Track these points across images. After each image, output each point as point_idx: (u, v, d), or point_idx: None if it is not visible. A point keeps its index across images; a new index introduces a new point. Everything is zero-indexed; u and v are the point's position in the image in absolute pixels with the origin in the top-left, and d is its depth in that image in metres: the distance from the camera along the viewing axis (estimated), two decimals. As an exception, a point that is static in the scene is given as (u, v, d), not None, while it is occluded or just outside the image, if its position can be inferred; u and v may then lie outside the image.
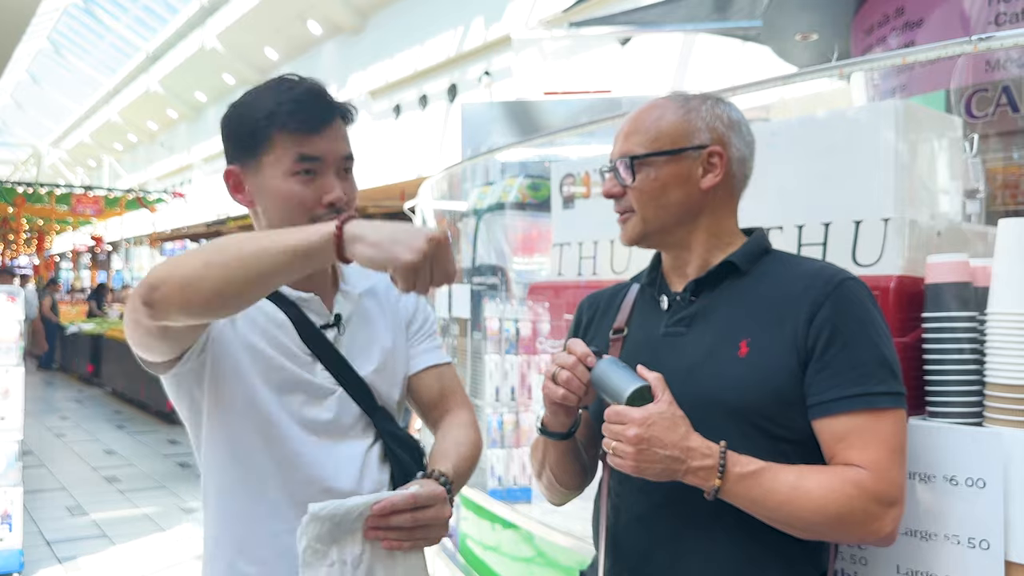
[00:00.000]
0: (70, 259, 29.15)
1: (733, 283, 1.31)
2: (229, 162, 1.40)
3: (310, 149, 1.34)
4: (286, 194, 1.34)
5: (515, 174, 4.09)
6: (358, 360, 1.45)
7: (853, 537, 1.21)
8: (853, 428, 1.19)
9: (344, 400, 1.43)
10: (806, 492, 1.16)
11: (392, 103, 17.60)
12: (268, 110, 1.33)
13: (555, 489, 1.50)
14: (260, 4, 20.23)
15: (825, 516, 1.16)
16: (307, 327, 1.40)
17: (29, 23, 10.75)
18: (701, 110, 1.33)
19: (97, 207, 18.03)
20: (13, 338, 4.53)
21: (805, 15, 5.49)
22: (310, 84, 1.38)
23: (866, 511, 1.16)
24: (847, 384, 1.19)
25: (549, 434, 1.39)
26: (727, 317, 1.29)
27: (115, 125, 34.20)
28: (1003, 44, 1.70)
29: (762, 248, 1.35)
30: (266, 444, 1.37)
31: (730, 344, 1.26)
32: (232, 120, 1.39)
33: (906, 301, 1.57)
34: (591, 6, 9.70)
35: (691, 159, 1.31)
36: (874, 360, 1.20)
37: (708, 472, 1.17)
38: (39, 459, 7.60)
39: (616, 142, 1.37)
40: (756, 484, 1.17)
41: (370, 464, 1.45)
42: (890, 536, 1.19)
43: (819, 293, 1.23)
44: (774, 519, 1.19)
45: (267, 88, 1.38)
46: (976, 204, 2.14)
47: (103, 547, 5.21)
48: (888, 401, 1.20)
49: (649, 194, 1.31)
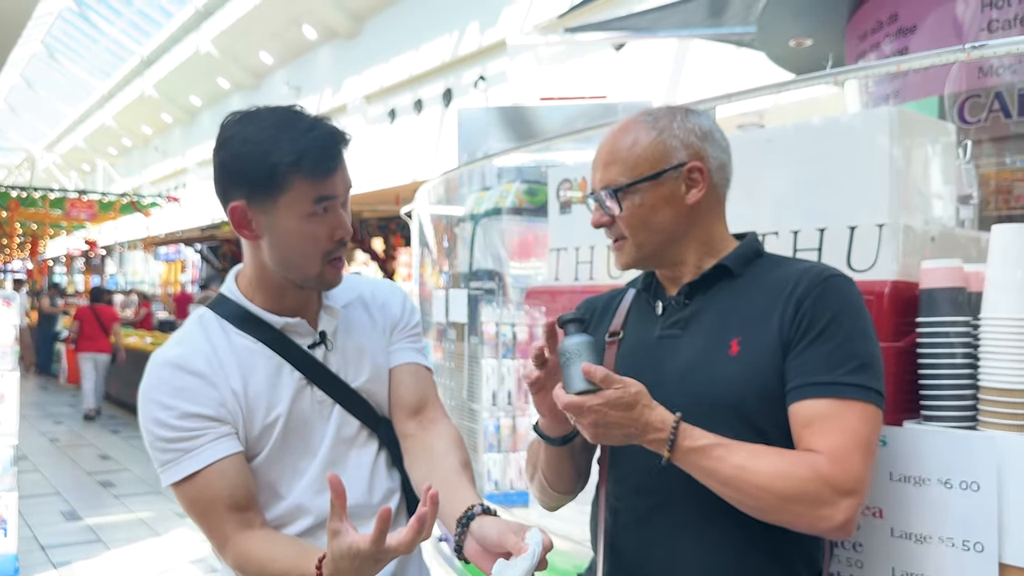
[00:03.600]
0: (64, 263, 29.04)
1: (726, 286, 1.33)
2: (231, 198, 1.34)
3: (326, 190, 1.33)
4: (303, 235, 1.33)
5: (512, 179, 4.10)
6: (351, 372, 1.46)
7: (803, 521, 1.18)
8: (818, 414, 1.19)
9: (342, 414, 1.45)
10: (755, 470, 1.17)
11: (387, 107, 17.61)
12: (292, 157, 1.28)
13: (547, 492, 1.49)
14: (255, 8, 20.23)
15: (771, 494, 1.16)
16: (294, 352, 1.41)
17: (24, 27, 10.74)
18: (673, 127, 1.33)
19: (91, 211, 18.00)
20: (8, 343, 4.53)
21: (799, 21, 5.51)
22: (326, 127, 1.34)
23: (818, 495, 1.15)
24: (816, 372, 1.20)
25: (544, 437, 1.39)
26: (719, 318, 1.31)
27: (109, 129, 34.13)
28: (996, 52, 1.72)
29: (754, 251, 1.37)
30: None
31: (722, 344, 1.28)
32: (243, 160, 1.31)
33: (900, 306, 1.59)
34: (586, 12, 9.74)
35: (673, 179, 1.32)
36: (847, 352, 1.21)
37: (659, 444, 1.20)
38: (34, 464, 7.57)
39: (595, 171, 1.37)
40: (704, 457, 1.19)
41: (379, 472, 1.48)
42: (844, 527, 1.16)
43: (805, 289, 1.25)
44: (725, 494, 1.20)
45: (280, 126, 1.31)
46: (970, 209, 2.15)
47: (98, 552, 5.19)
48: (856, 392, 1.19)
49: (639, 221, 1.33)
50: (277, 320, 1.41)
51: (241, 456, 1.35)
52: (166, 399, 1.33)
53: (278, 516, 1.40)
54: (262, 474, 1.40)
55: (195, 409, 1.32)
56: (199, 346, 1.38)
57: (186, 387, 1.33)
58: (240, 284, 1.45)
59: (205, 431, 1.32)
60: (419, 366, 1.56)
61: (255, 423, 1.37)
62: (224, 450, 1.33)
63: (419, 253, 4.72)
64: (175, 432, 1.32)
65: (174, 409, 1.32)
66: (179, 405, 1.32)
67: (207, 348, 1.38)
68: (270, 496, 1.40)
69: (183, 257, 26.29)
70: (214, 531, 1.33)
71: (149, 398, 1.34)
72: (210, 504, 1.32)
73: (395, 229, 15.46)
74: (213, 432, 1.33)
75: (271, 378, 1.39)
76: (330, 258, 1.37)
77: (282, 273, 1.38)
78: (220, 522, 1.32)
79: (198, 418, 1.32)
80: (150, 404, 1.34)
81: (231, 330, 1.41)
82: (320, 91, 20.21)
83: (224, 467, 1.32)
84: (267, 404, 1.38)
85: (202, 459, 1.32)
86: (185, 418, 1.32)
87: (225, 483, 1.32)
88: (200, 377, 1.34)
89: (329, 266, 1.38)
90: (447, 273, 4.40)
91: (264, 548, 1.30)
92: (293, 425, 1.40)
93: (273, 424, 1.38)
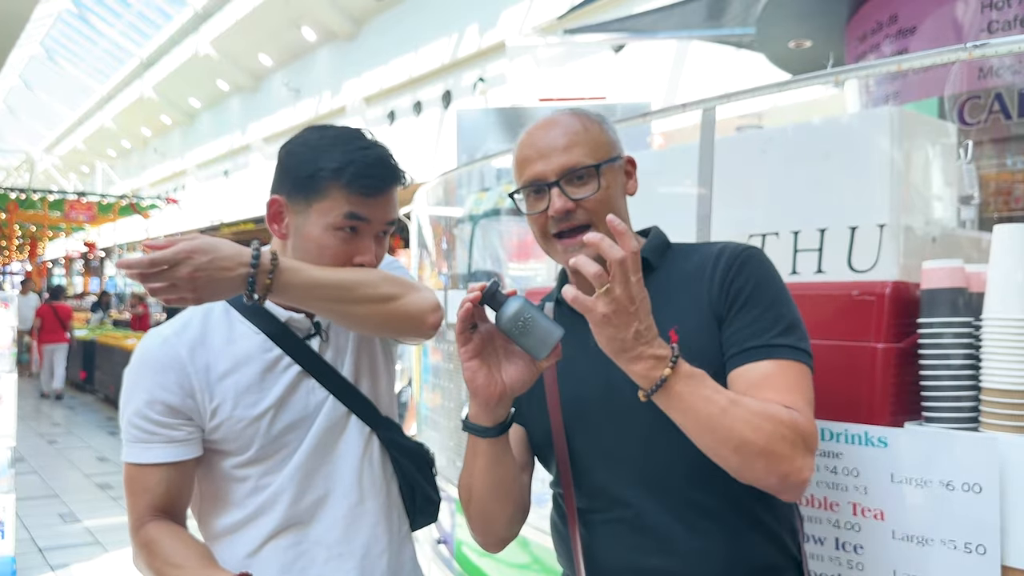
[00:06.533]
0: (63, 265, 29.05)
1: (648, 279, 1.25)
2: (275, 191, 1.40)
3: (361, 210, 1.36)
4: (324, 245, 1.35)
5: (511, 180, 4.09)
6: (344, 364, 1.47)
7: (778, 470, 1.12)
8: (761, 375, 1.18)
9: (335, 405, 1.45)
10: (746, 406, 1.12)
11: (386, 109, 17.62)
12: (336, 165, 1.33)
13: (490, 520, 1.35)
14: (254, 10, 20.24)
15: (761, 433, 1.10)
16: (294, 345, 1.42)
17: (23, 29, 10.74)
18: (603, 123, 1.35)
19: (90, 213, 18.02)
20: (6, 344, 4.52)
21: (798, 23, 5.52)
22: (382, 151, 1.38)
23: (795, 444, 1.12)
24: (750, 337, 1.21)
25: (476, 430, 1.27)
26: (652, 312, 1.21)
27: (108, 131, 34.13)
28: (997, 51, 1.71)
29: (664, 242, 1.37)
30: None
31: (661, 336, 1.22)
32: (295, 156, 1.38)
33: (902, 307, 1.58)
34: (585, 13, 9.74)
35: (620, 167, 1.34)
36: (774, 315, 1.22)
37: (660, 361, 1.11)
38: (31, 466, 7.56)
39: (548, 159, 1.30)
40: (701, 385, 1.13)
41: (370, 460, 1.48)
42: (805, 483, 1.14)
43: (725, 264, 1.25)
44: (708, 429, 1.12)
45: (340, 138, 1.38)
46: (970, 210, 2.15)
47: (96, 554, 5.19)
48: (788, 353, 1.19)
49: (607, 203, 1.29)
50: (282, 313, 1.42)
51: (186, 465, 1.38)
52: (140, 379, 1.37)
53: (261, 506, 1.41)
54: (247, 467, 1.40)
55: (162, 395, 1.35)
56: (189, 332, 1.40)
57: (160, 370, 1.36)
58: None
59: (161, 431, 1.36)
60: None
61: (237, 416, 1.38)
62: (170, 456, 1.36)
63: (418, 255, 4.71)
64: (138, 417, 1.36)
65: (143, 391, 1.36)
66: (149, 387, 1.36)
67: (196, 334, 1.39)
68: (254, 487, 1.41)
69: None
70: (132, 514, 1.38)
71: (129, 371, 1.40)
72: (139, 493, 1.37)
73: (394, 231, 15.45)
74: (168, 434, 1.36)
75: (264, 372, 1.40)
76: None
77: None
78: (140, 511, 1.37)
79: (162, 407, 1.35)
80: (128, 377, 1.39)
81: (235, 317, 1.42)
82: (319, 93, 20.22)
83: (164, 472, 1.36)
84: (256, 397, 1.38)
85: (147, 456, 1.36)
86: (151, 404, 1.35)
87: (156, 484, 1.36)
88: (177, 361, 1.37)
89: None
90: (446, 275, 4.39)
91: (173, 548, 1.33)
92: (283, 418, 1.40)
93: (260, 417, 1.38)
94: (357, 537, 1.44)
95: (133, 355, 1.41)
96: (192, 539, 1.37)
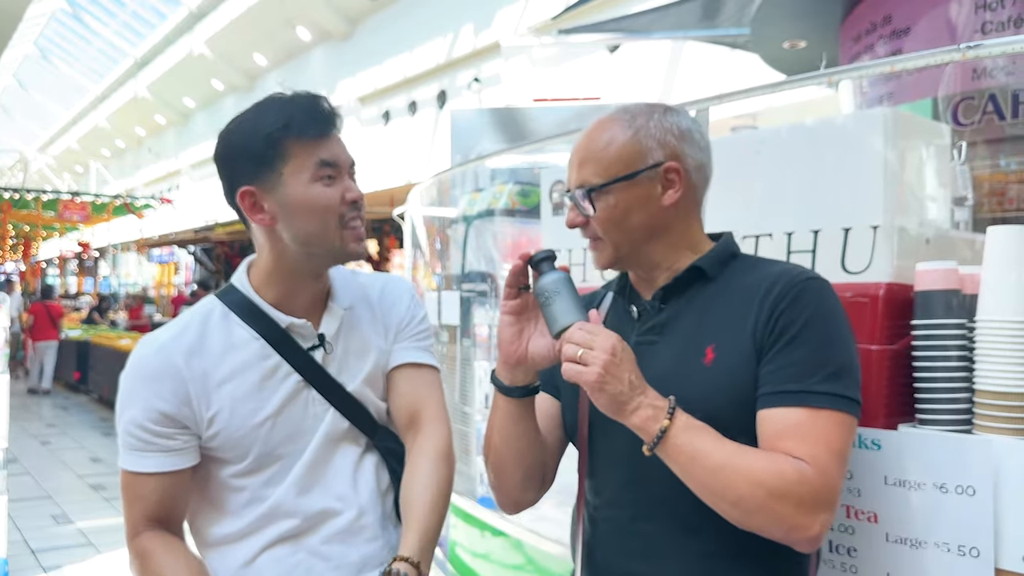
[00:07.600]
0: (57, 265, 28.95)
1: (701, 289, 1.28)
2: (238, 184, 1.36)
3: (328, 155, 1.35)
4: (314, 199, 1.34)
5: (505, 181, 4.08)
6: (347, 375, 1.45)
7: (783, 524, 1.11)
8: (789, 424, 1.14)
9: (335, 417, 1.43)
10: (747, 462, 1.11)
11: (381, 109, 17.59)
12: (282, 121, 1.32)
13: (502, 474, 1.37)
14: (249, 10, 20.21)
15: (762, 488, 1.09)
16: (294, 353, 1.40)
17: (16, 28, 10.70)
18: (650, 126, 1.29)
19: (84, 213, 17.96)
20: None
21: (793, 23, 5.52)
22: (309, 94, 1.38)
23: (800, 503, 1.10)
24: (788, 379, 1.16)
25: (502, 387, 1.31)
26: (694, 324, 1.26)
27: (103, 131, 34.06)
28: (991, 52, 1.71)
29: (729, 253, 1.32)
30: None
31: (697, 352, 1.23)
32: (238, 139, 1.36)
33: (895, 308, 1.57)
34: (580, 13, 9.73)
35: (649, 179, 1.28)
36: (821, 359, 1.16)
37: (658, 412, 1.13)
38: (24, 467, 7.53)
39: (570, 169, 1.33)
40: (700, 437, 1.13)
41: (364, 471, 1.46)
42: (816, 540, 1.12)
43: (779, 292, 1.20)
44: (707, 483, 1.12)
45: (267, 105, 1.36)
46: (964, 212, 2.14)
47: (89, 556, 5.16)
48: (828, 401, 1.14)
49: (613, 222, 1.28)
50: (283, 319, 1.39)
51: (182, 474, 1.37)
52: (136, 387, 1.36)
53: (258, 518, 1.39)
54: (244, 476, 1.39)
55: (157, 404, 1.33)
56: (186, 337, 1.38)
57: (155, 378, 1.34)
58: (252, 276, 1.44)
59: (157, 440, 1.34)
60: (418, 367, 1.52)
61: (235, 425, 1.36)
62: (166, 465, 1.35)
63: (411, 255, 4.71)
64: (134, 426, 1.34)
65: (138, 399, 1.34)
66: (145, 396, 1.34)
67: (193, 340, 1.37)
68: (251, 498, 1.39)
69: (176, 259, 26.26)
70: (128, 521, 1.38)
71: (124, 377, 1.38)
72: (134, 500, 1.37)
73: (389, 231, 15.47)
74: (164, 443, 1.34)
75: (263, 380, 1.38)
76: (347, 224, 1.37)
77: (305, 251, 1.37)
78: (135, 519, 1.37)
79: (158, 416, 1.34)
80: (123, 384, 1.38)
81: (235, 321, 1.39)
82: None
83: (159, 481, 1.35)
84: (254, 406, 1.37)
85: (143, 464, 1.35)
86: (146, 413, 1.34)
87: (151, 492, 1.36)
88: (172, 368, 1.35)
89: (348, 232, 1.37)
90: (440, 275, 4.38)
91: (166, 562, 1.33)
92: (282, 428, 1.39)
93: (259, 426, 1.37)
94: (354, 549, 1.42)
95: (129, 360, 1.39)
96: (186, 554, 1.35)
